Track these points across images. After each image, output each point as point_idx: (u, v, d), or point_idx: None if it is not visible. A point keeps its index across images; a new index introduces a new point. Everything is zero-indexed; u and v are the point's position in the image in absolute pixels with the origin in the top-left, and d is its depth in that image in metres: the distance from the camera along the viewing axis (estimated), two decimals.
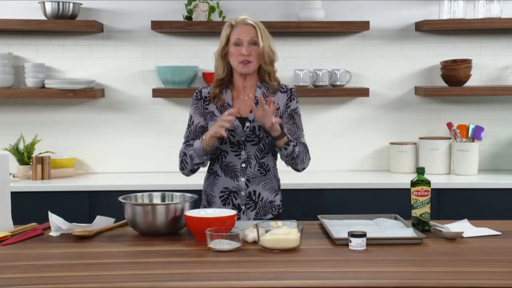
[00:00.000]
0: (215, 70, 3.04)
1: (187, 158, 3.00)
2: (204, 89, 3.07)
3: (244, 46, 2.94)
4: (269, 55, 2.98)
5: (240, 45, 2.95)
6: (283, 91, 3.06)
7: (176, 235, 2.69)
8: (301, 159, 3.02)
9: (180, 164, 3.04)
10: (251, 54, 2.94)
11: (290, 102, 3.06)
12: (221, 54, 3.01)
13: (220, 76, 3.03)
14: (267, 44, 2.97)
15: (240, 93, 3.05)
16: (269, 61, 2.99)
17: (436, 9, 4.33)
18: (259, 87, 3.04)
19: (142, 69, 4.38)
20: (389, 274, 2.20)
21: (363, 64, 4.42)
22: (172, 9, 4.34)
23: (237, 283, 2.12)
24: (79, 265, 2.31)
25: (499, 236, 2.69)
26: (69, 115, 4.38)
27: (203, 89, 3.08)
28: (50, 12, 4.16)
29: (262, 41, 2.95)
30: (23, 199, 3.87)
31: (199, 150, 2.94)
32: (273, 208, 3.06)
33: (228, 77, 3.04)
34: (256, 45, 2.95)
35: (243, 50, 2.93)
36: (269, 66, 3.00)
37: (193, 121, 3.05)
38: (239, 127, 2.98)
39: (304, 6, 4.26)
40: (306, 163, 3.06)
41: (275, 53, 3.02)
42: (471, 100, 4.43)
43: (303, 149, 3.02)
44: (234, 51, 2.95)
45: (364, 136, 4.45)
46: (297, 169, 3.08)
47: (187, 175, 3.08)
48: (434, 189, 3.38)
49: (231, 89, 3.05)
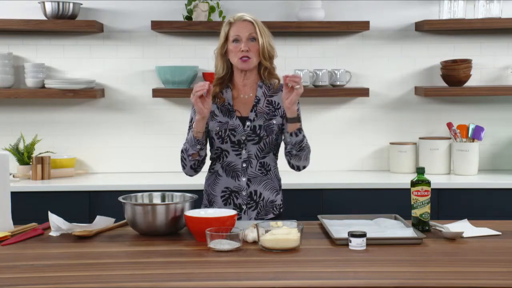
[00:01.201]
0: (215, 68, 3.05)
1: (184, 154, 2.99)
2: None
3: (243, 42, 2.94)
4: (268, 50, 2.98)
5: (239, 42, 2.95)
6: None
7: (176, 235, 2.69)
8: (305, 154, 3.00)
9: (181, 162, 3.04)
10: (250, 50, 2.94)
11: None
12: (220, 52, 3.01)
13: (220, 75, 3.03)
14: (266, 40, 2.98)
15: (241, 92, 3.05)
16: (269, 57, 2.99)
17: (436, 9, 4.33)
18: (259, 86, 3.04)
19: (142, 69, 4.38)
20: (389, 274, 2.20)
21: (363, 64, 4.42)
22: (172, 9, 4.34)
23: (237, 283, 2.12)
24: (79, 265, 2.31)
25: (499, 236, 2.69)
26: (69, 115, 4.38)
27: None
28: (50, 12, 4.16)
29: (261, 37, 2.95)
30: (23, 199, 3.87)
31: (191, 139, 2.94)
32: (274, 207, 3.06)
33: (228, 76, 3.05)
34: (255, 41, 2.96)
35: (242, 46, 2.93)
36: (268, 62, 3.00)
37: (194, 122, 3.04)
38: (240, 127, 2.98)
39: (304, 6, 4.26)
40: (307, 161, 3.06)
41: (274, 49, 3.02)
42: (471, 100, 4.43)
43: (308, 146, 3.02)
44: (233, 48, 2.95)
45: (364, 136, 4.45)
46: (298, 165, 3.05)
47: (189, 173, 3.06)
48: (434, 189, 3.38)
49: (231, 88, 3.05)
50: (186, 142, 2.98)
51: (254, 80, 3.05)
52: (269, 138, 3.00)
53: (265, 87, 3.05)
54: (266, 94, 3.04)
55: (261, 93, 3.03)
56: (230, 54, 2.98)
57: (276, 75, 3.06)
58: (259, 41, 2.95)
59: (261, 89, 3.04)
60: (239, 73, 3.02)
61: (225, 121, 2.99)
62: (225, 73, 3.03)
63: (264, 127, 2.98)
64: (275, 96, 3.04)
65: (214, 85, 3.03)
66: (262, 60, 2.99)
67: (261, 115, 2.99)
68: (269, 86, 3.05)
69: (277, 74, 3.06)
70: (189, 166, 3.01)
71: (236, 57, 2.96)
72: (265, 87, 3.05)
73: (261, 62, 3.00)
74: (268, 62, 3.00)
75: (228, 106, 3.01)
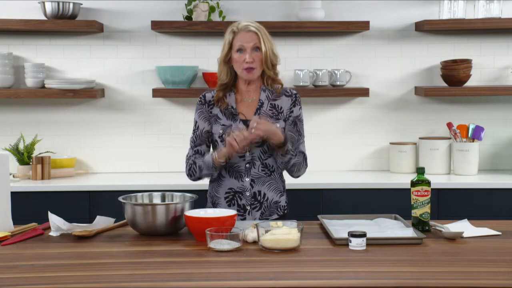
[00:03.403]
0: (218, 75, 3.06)
1: (195, 167, 3.01)
2: (208, 94, 3.08)
3: (248, 53, 2.95)
4: (271, 59, 3.00)
5: (243, 52, 2.96)
6: (288, 95, 3.07)
7: (176, 235, 2.69)
8: (296, 168, 3.06)
9: (188, 171, 3.05)
10: (254, 61, 2.96)
11: (294, 107, 3.07)
12: (224, 60, 3.02)
13: (224, 81, 3.05)
14: (270, 47, 2.99)
15: (244, 96, 3.06)
16: (272, 65, 3.02)
17: (436, 9, 4.33)
18: (263, 90, 3.06)
19: (142, 69, 4.38)
20: (389, 274, 2.20)
21: (363, 64, 4.42)
22: (172, 9, 4.34)
23: (237, 283, 2.12)
24: (79, 265, 2.32)
25: (499, 236, 2.69)
26: (69, 115, 4.38)
27: (206, 94, 3.09)
28: (50, 12, 4.16)
29: (264, 46, 2.97)
30: (23, 199, 3.87)
31: (209, 164, 2.97)
32: (278, 208, 3.07)
33: (231, 82, 3.06)
34: (259, 51, 2.97)
35: (247, 57, 2.95)
36: (271, 71, 3.02)
37: (198, 126, 3.06)
38: (244, 130, 2.98)
39: (304, 6, 4.26)
40: (301, 171, 3.09)
41: (277, 56, 3.04)
42: (471, 100, 4.43)
43: (301, 159, 3.04)
44: (238, 58, 2.97)
45: (364, 136, 4.45)
46: (291, 175, 3.11)
47: (194, 180, 3.10)
48: (434, 189, 3.39)
49: (235, 92, 3.06)
50: (202, 162, 2.99)
51: (257, 85, 3.07)
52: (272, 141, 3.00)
53: (268, 91, 3.06)
54: (270, 97, 3.05)
55: (265, 96, 3.04)
56: (234, 63, 3.00)
57: (279, 80, 3.07)
58: (262, 50, 2.96)
59: (264, 93, 3.05)
60: (243, 81, 3.05)
61: (229, 124, 3.00)
62: (229, 80, 3.05)
63: None
64: (278, 100, 3.06)
65: (217, 91, 3.05)
66: (265, 69, 3.00)
67: (264, 119, 3.00)
68: (272, 90, 3.06)
69: (280, 79, 3.07)
70: (197, 177, 3.05)
71: (240, 68, 2.98)
72: (268, 91, 3.06)
73: (264, 70, 3.01)
74: (272, 71, 3.02)
75: (232, 109, 3.02)
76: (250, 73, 2.98)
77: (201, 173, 3.01)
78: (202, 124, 3.05)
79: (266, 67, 2.99)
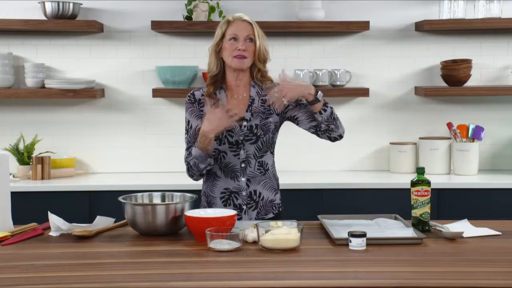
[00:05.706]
0: (208, 66, 3.05)
1: (192, 167, 2.98)
2: (197, 92, 3.07)
3: (241, 41, 2.95)
4: (264, 53, 3.00)
5: (236, 40, 2.95)
6: None
7: (176, 235, 2.69)
8: (339, 122, 3.02)
9: (188, 171, 3.02)
10: (247, 50, 2.95)
11: None
12: (215, 50, 3.01)
13: (214, 73, 3.03)
14: (263, 43, 2.99)
15: (234, 93, 3.05)
16: (263, 60, 3.01)
17: (436, 9, 4.33)
18: (252, 86, 3.05)
19: (142, 69, 4.38)
20: (389, 274, 2.20)
21: (363, 64, 4.42)
22: (172, 9, 4.34)
23: (237, 283, 2.12)
24: (79, 265, 2.31)
25: (499, 236, 2.69)
26: (69, 115, 4.38)
27: (195, 92, 3.07)
28: (50, 12, 4.16)
29: (258, 39, 2.97)
30: (23, 199, 3.87)
31: (200, 155, 2.93)
32: (273, 207, 3.07)
33: (221, 75, 3.04)
34: (252, 42, 2.97)
35: (240, 45, 2.94)
36: (262, 64, 3.02)
37: (191, 125, 3.03)
38: (237, 127, 2.98)
39: (304, 6, 4.26)
40: (342, 127, 3.05)
41: (268, 52, 3.04)
42: (471, 100, 4.43)
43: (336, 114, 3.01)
44: (229, 46, 2.96)
45: (364, 136, 4.45)
46: (337, 136, 3.05)
47: (197, 180, 3.08)
48: (434, 189, 3.39)
49: (225, 89, 3.05)
50: (194, 158, 2.93)
51: (247, 81, 3.05)
52: (266, 136, 3.00)
53: (258, 87, 3.05)
54: (260, 93, 3.04)
55: (255, 92, 3.04)
56: (224, 52, 2.98)
57: (269, 77, 3.06)
58: (256, 43, 2.96)
59: (254, 89, 3.05)
60: (232, 73, 3.02)
61: None
62: (218, 71, 3.03)
63: (261, 126, 2.99)
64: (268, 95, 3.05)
65: (208, 85, 3.04)
66: (256, 62, 3.00)
67: (257, 115, 3.00)
68: (261, 86, 3.06)
69: (269, 76, 3.07)
70: (198, 175, 3.02)
71: (230, 56, 2.96)
72: (258, 87, 3.05)
73: (255, 63, 3.00)
74: (262, 64, 3.02)
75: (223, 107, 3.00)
76: (240, 61, 2.95)
77: (199, 169, 2.97)
78: (195, 122, 3.02)
79: (257, 59, 2.98)
